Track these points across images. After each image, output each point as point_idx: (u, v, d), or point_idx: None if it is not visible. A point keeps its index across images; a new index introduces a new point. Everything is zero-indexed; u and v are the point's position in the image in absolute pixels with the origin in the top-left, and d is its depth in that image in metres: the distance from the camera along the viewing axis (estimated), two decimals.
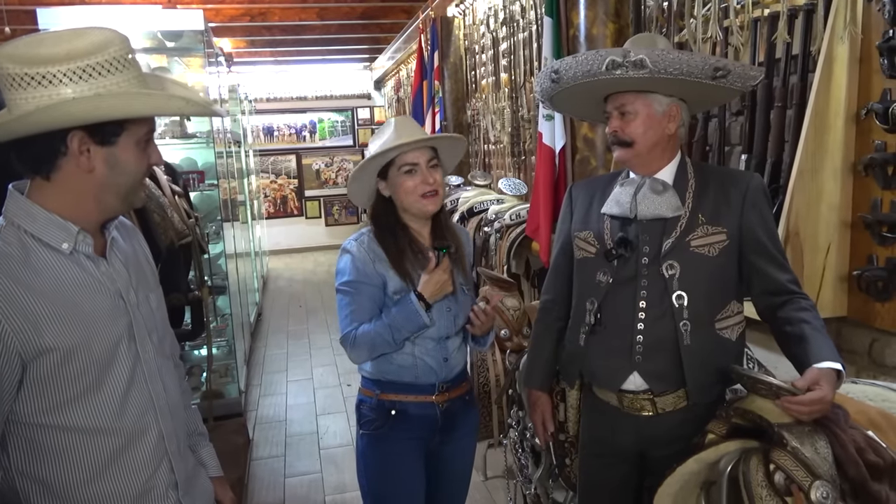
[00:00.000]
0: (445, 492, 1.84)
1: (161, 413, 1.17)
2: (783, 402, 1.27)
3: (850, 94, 1.82)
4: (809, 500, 1.17)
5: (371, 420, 1.73)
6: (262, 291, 7.23)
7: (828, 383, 1.28)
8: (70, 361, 1.04)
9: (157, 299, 1.25)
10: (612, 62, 1.39)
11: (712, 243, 1.47)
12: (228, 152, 4.93)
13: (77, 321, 1.05)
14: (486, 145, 5.28)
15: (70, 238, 1.07)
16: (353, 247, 1.71)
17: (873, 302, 1.82)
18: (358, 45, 8.45)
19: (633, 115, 1.48)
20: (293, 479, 3.24)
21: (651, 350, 1.49)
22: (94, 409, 1.08)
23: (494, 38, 4.74)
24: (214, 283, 3.99)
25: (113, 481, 1.11)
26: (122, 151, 1.07)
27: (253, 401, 4.31)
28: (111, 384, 1.09)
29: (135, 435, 1.13)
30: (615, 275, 1.52)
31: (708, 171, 1.57)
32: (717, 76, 1.40)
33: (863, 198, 1.83)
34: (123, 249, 1.20)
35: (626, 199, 1.52)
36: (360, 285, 1.67)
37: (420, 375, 1.70)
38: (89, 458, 1.08)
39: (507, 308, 2.45)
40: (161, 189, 2.38)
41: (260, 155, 9.90)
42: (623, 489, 1.61)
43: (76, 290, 1.07)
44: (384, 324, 1.63)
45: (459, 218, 4.09)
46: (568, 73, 1.48)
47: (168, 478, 1.18)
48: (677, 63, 1.37)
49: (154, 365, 1.18)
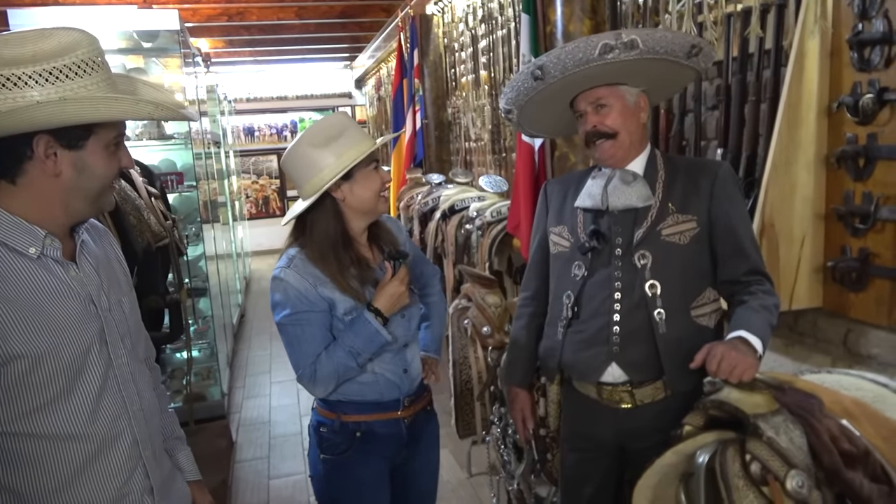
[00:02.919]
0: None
1: (135, 418, 1.16)
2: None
3: (822, 88, 1.84)
4: (785, 489, 1.19)
5: (334, 444, 1.61)
6: (244, 293, 7.19)
7: (724, 347, 1.32)
8: (39, 368, 1.03)
9: (129, 303, 1.23)
10: (605, 46, 1.40)
11: (683, 231, 1.50)
12: (207, 153, 4.89)
13: (45, 327, 1.03)
14: (466, 143, 5.29)
15: (37, 242, 1.05)
16: (288, 275, 1.52)
17: (847, 292, 1.84)
18: (338, 44, 8.41)
19: (609, 108, 1.50)
20: (277, 481, 3.23)
21: (628, 340, 1.50)
22: (65, 416, 1.06)
23: (473, 36, 4.74)
24: (195, 285, 3.97)
25: (86, 488, 1.09)
26: (89, 155, 1.05)
27: (236, 403, 4.28)
28: (82, 390, 1.08)
29: (108, 441, 1.11)
30: (590, 267, 1.53)
31: (677, 161, 1.60)
32: (693, 53, 1.46)
33: (836, 190, 1.85)
34: (94, 253, 1.18)
35: (597, 192, 1.54)
36: (306, 315, 1.52)
37: (384, 392, 1.60)
38: (61, 466, 1.07)
39: (489, 305, 2.45)
40: (137, 191, 2.35)
41: (241, 155, 9.83)
42: (604, 483, 1.63)
43: (44, 295, 1.05)
44: (344, 351, 1.51)
45: (441, 216, 4.09)
46: (556, 67, 1.46)
47: (143, 483, 1.17)
48: (664, 42, 1.42)
49: (127, 370, 1.16)
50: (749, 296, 1.45)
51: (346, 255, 1.55)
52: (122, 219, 1.97)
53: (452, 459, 3.25)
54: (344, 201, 1.56)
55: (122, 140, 1.12)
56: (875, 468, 1.22)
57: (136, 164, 2.65)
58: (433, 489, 1.82)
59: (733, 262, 1.50)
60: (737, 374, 1.26)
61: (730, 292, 1.52)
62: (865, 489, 1.18)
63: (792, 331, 2.10)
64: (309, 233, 1.56)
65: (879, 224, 1.73)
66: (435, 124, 5.74)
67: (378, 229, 1.67)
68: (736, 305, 1.47)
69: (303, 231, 1.58)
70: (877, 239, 1.75)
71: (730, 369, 1.27)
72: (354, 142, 1.53)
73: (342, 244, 1.55)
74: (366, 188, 1.56)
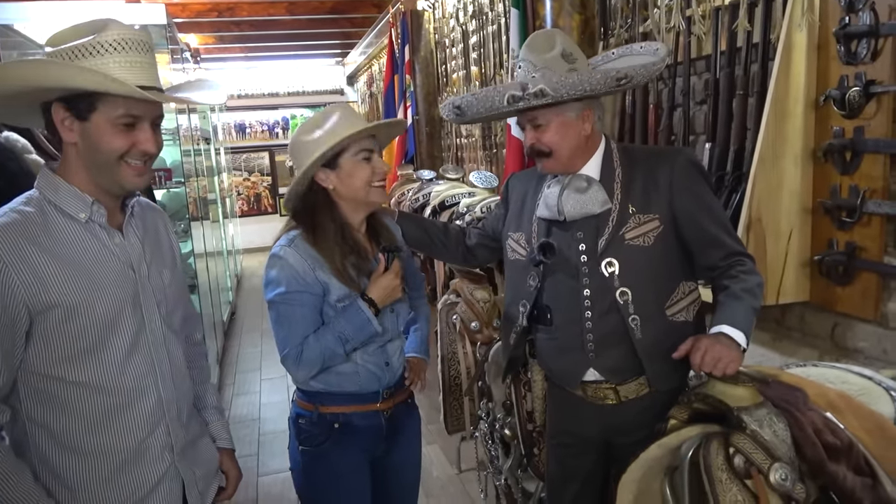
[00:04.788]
0: (396, 500, 1.76)
1: (162, 379, 1.26)
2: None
3: (809, 81, 1.83)
4: (769, 482, 1.19)
5: (312, 435, 1.59)
6: (235, 290, 7.15)
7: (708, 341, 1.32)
8: (73, 318, 1.14)
9: (171, 276, 1.33)
10: (511, 97, 1.38)
11: (646, 232, 1.47)
12: (197, 150, 4.86)
13: (82, 282, 1.15)
14: (458, 139, 5.28)
15: (86, 208, 1.18)
16: (288, 253, 1.52)
17: (834, 286, 1.84)
18: (329, 41, 8.38)
19: (545, 126, 1.48)
20: (266, 478, 3.22)
21: (603, 346, 1.49)
22: (96, 367, 1.17)
23: (464, 32, 4.72)
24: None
25: (111, 435, 1.20)
26: (94, 128, 1.13)
27: (226, 400, 4.26)
28: (114, 345, 1.19)
29: (134, 396, 1.22)
30: (553, 276, 1.52)
31: (636, 156, 1.57)
32: (622, 85, 1.41)
33: (823, 184, 1.85)
34: (143, 226, 1.30)
35: (552, 202, 1.52)
36: (300, 296, 1.50)
37: (363, 384, 1.58)
38: (90, 412, 1.17)
39: (478, 300, 2.44)
40: None
41: (232, 152, 9.79)
42: (590, 477, 1.62)
43: (86, 255, 1.17)
44: (333, 336, 1.50)
45: (431, 212, 4.08)
46: (471, 110, 1.47)
47: (164, 440, 1.26)
48: (578, 86, 1.37)
49: (160, 334, 1.26)
50: (730, 279, 1.44)
51: (345, 242, 1.54)
52: None
53: (442, 456, 3.24)
54: (334, 191, 1.55)
55: (138, 122, 1.17)
56: (858, 461, 1.22)
57: None
58: (415, 483, 1.80)
59: (708, 252, 1.49)
60: (720, 368, 1.26)
61: (710, 277, 1.50)
62: (849, 482, 1.18)
63: (780, 325, 2.10)
64: (310, 218, 1.56)
65: (866, 218, 1.73)
66: (426, 120, 5.73)
67: (376, 223, 1.66)
68: (719, 291, 1.45)
69: (304, 217, 1.57)
70: (863, 232, 1.74)
71: (713, 362, 1.26)
72: (336, 129, 1.50)
73: (341, 232, 1.55)
74: (354, 177, 1.53)
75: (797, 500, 1.18)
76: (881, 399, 1.41)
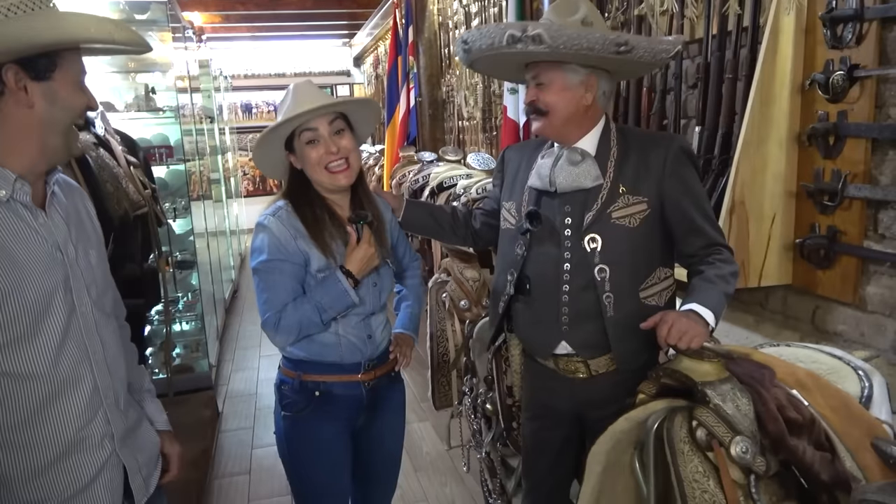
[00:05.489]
0: (377, 472, 1.80)
1: (97, 366, 1.19)
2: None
3: (796, 65, 1.84)
4: (730, 454, 1.21)
5: (294, 402, 1.64)
6: (238, 269, 7.21)
7: (675, 315, 1.35)
8: (3, 305, 1.06)
9: (97, 256, 1.26)
10: (511, 36, 1.38)
11: (633, 213, 1.49)
12: (199, 129, 4.89)
13: (8, 266, 1.06)
14: (460, 121, 5.28)
15: (7, 185, 1.07)
16: (271, 222, 1.57)
17: (815, 270, 1.86)
18: (336, 21, 8.36)
19: (546, 86, 1.49)
20: (260, 451, 3.28)
21: (576, 320, 1.51)
22: (29, 356, 1.09)
23: (467, 13, 4.71)
24: (183, 258, 3.99)
25: (46, 427, 1.13)
26: (60, 87, 1.08)
27: (224, 375, 4.33)
28: (46, 332, 1.11)
29: (68, 384, 1.15)
30: (539, 246, 1.54)
31: (632, 137, 1.58)
32: (621, 52, 1.40)
33: (807, 167, 1.86)
34: (64, 205, 1.21)
35: (545, 172, 1.54)
36: (280, 264, 1.55)
37: (345, 355, 1.62)
38: (22, 403, 1.10)
39: (467, 279, 2.47)
40: (116, 159, 2.36)
41: (237, 132, 9.80)
42: (563, 450, 1.66)
43: (11, 237, 1.08)
44: (311, 305, 1.54)
45: (430, 193, 4.10)
46: (475, 45, 1.47)
47: (104, 429, 1.20)
48: (576, 40, 1.37)
49: (91, 318, 1.19)
50: (706, 266, 1.46)
51: (321, 213, 1.59)
52: (97, 186, 1.98)
53: (433, 432, 3.29)
54: (303, 171, 1.60)
55: (84, 80, 1.14)
56: (819, 436, 1.25)
57: (118, 134, 2.66)
58: (397, 454, 1.83)
59: (689, 239, 1.51)
60: (685, 341, 1.28)
61: (689, 263, 1.53)
62: (808, 455, 1.20)
63: (763, 308, 2.12)
64: (291, 193, 1.62)
65: (847, 202, 1.74)
66: (429, 102, 5.74)
67: (362, 195, 1.68)
68: (693, 276, 1.48)
69: (287, 191, 1.63)
70: (844, 216, 1.76)
71: (679, 335, 1.29)
72: (283, 112, 1.55)
73: (317, 203, 1.59)
74: (305, 160, 1.58)
75: (757, 472, 1.21)
76: (848, 378, 1.43)
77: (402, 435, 1.84)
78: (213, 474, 3.08)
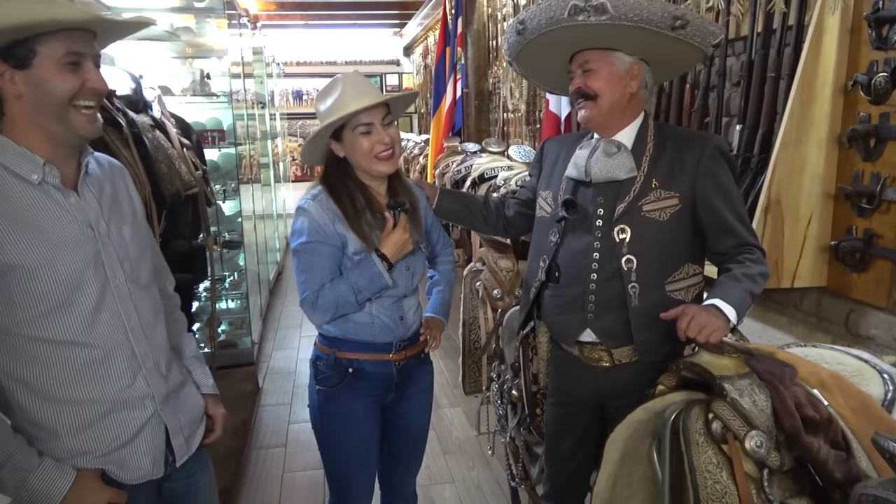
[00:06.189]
0: (403, 448, 1.87)
1: (133, 333, 1.28)
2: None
3: (839, 66, 1.82)
4: (744, 448, 1.24)
5: (328, 377, 1.72)
6: (283, 251, 7.40)
7: (696, 308, 1.35)
8: (35, 279, 1.15)
9: (131, 231, 1.33)
10: (574, 7, 1.40)
11: (664, 207, 1.51)
12: (251, 114, 5.04)
13: (41, 244, 1.15)
14: (504, 113, 5.30)
15: (38, 169, 1.16)
16: (311, 206, 1.65)
17: (850, 273, 1.84)
18: (387, 10, 8.45)
19: (595, 72, 1.52)
20: (296, 426, 3.40)
21: (602, 309, 1.55)
22: (65, 324, 1.19)
23: (515, 5, 4.72)
24: (231, 238, 4.14)
25: (89, 388, 1.23)
26: (41, 72, 1.11)
27: (266, 352, 4.48)
28: (80, 303, 1.20)
29: (108, 350, 1.24)
30: (572, 234, 1.58)
31: (668, 134, 1.60)
32: (676, 26, 1.42)
33: (846, 169, 1.85)
34: (98, 184, 1.29)
35: (581, 162, 1.57)
36: (319, 246, 1.63)
37: (377, 334, 1.70)
38: (64, 366, 1.20)
39: (501, 269, 2.52)
40: (170, 141, 2.49)
41: (288, 118, 10.01)
42: (585, 437, 1.69)
43: (42, 217, 1.16)
44: (347, 286, 1.61)
45: (471, 184, 4.15)
46: (532, 23, 1.49)
47: (144, 390, 1.30)
48: (637, 8, 1.39)
49: (125, 290, 1.27)
50: (735, 264, 1.48)
51: (359, 198, 1.66)
52: (152, 165, 2.10)
53: (464, 417, 3.36)
54: (346, 158, 1.68)
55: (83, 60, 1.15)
56: (836, 435, 1.26)
57: (172, 117, 2.79)
58: (423, 432, 1.91)
59: (720, 238, 1.52)
60: (704, 334, 1.31)
61: (719, 261, 1.54)
62: (822, 453, 1.22)
63: (797, 309, 2.11)
64: (330, 179, 1.69)
65: (885, 205, 1.72)
66: (475, 94, 5.77)
67: (398, 184, 1.75)
68: (721, 273, 1.50)
69: (326, 177, 1.71)
70: (881, 220, 1.74)
71: (698, 328, 1.31)
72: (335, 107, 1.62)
73: (356, 190, 1.67)
74: (355, 150, 1.65)
75: (770, 466, 1.23)
76: (873, 380, 1.43)
77: (428, 414, 1.91)
78: (252, 445, 3.22)
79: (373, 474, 1.85)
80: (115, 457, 1.27)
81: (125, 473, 1.28)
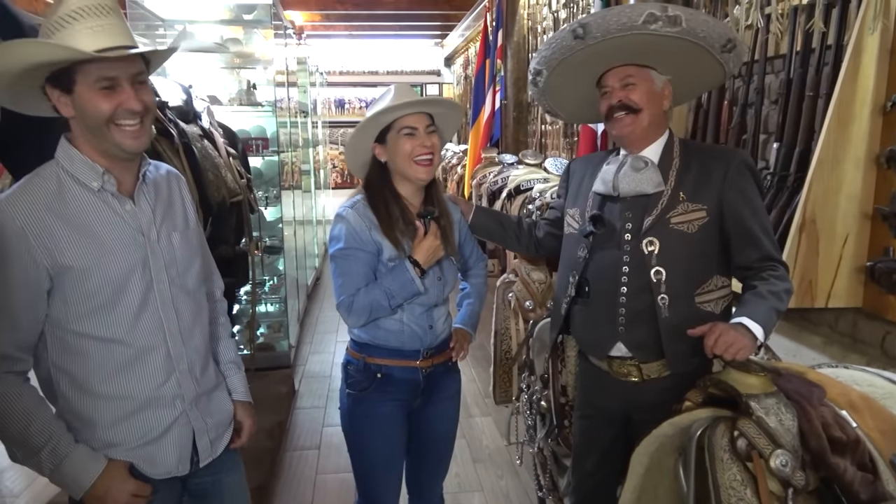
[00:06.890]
0: (429, 453, 1.92)
1: (171, 335, 1.35)
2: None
3: (878, 86, 1.81)
4: (769, 466, 1.25)
5: (358, 381, 1.78)
6: (322, 257, 7.53)
7: (724, 326, 1.36)
8: (87, 280, 1.25)
9: (181, 238, 1.41)
10: (651, 15, 1.42)
11: (692, 220, 1.53)
12: (293, 122, 5.17)
13: (95, 247, 1.26)
14: (542, 126, 5.33)
15: (98, 178, 1.27)
16: (349, 214, 1.71)
17: (886, 294, 1.82)
18: (429, 22, 8.57)
19: (636, 86, 1.55)
20: (330, 429, 3.47)
21: (633, 321, 1.57)
22: (109, 323, 1.28)
23: (555, 19, 4.76)
24: (271, 244, 4.25)
25: (126, 384, 1.31)
26: (80, 96, 1.21)
27: (303, 356, 4.58)
28: (125, 304, 1.29)
29: (145, 349, 1.32)
30: (600, 249, 1.60)
31: (693, 149, 1.63)
32: (727, 48, 1.48)
33: (883, 190, 1.83)
34: (155, 192, 1.38)
35: (609, 178, 1.60)
36: (356, 252, 1.69)
37: (406, 342, 1.75)
38: (106, 362, 1.29)
39: (533, 281, 2.55)
40: (217, 150, 2.59)
41: (329, 127, 10.19)
42: (612, 450, 1.71)
43: (98, 221, 1.27)
44: (381, 290, 1.67)
45: (507, 195, 4.18)
46: (599, 28, 1.47)
47: (175, 391, 1.37)
48: (704, 26, 1.44)
49: (168, 294, 1.35)
50: (760, 281, 1.49)
51: (394, 208, 1.72)
52: (200, 174, 2.20)
53: (494, 427, 3.39)
54: (388, 164, 1.74)
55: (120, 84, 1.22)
56: (863, 457, 1.26)
57: (220, 127, 2.91)
58: (449, 438, 1.95)
59: (746, 251, 1.54)
60: (731, 352, 1.32)
61: (743, 276, 1.55)
62: (848, 474, 1.22)
63: (832, 330, 2.09)
64: (370, 186, 1.76)
65: None
66: (514, 105, 5.81)
67: (434, 196, 1.80)
68: (746, 290, 1.51)
69: (366, 184, 1.78)
70: None
71: (725, 346, 1.33)
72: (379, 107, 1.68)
73: (391, 199, 1.73)
74: (396, 151, 1.70)
75: (795, 486, 1.24)
76: None
77: (455, 420, 1.95)
78: (286, 446, 3.30)
79: (399, 476, 1.90)
80: (144, 451, 1.34)
81: (151, 468, 1.35)
